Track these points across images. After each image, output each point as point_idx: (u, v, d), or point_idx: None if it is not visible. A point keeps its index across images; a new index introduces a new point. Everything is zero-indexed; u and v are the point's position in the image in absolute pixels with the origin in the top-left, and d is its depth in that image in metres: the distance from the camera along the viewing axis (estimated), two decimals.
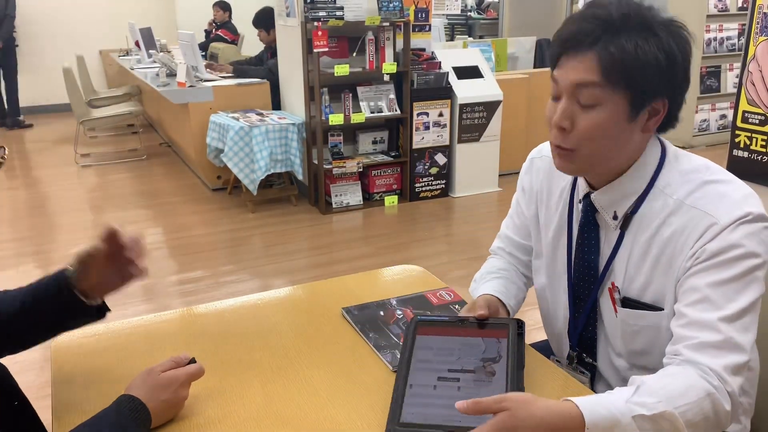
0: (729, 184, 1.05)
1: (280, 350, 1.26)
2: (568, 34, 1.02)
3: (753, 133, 2.73)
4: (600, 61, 0.98)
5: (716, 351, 0.96)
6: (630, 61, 0.97)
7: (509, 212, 1.42)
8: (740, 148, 2.79)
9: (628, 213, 1.11)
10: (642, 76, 0.98)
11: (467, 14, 9.36)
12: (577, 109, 1.03)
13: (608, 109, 1.01)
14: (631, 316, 1.13)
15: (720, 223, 1.00)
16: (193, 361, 1.10)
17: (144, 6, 8.61)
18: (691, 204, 1.04)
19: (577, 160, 1.07)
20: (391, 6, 4.42)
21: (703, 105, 6.17)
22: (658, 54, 0.97)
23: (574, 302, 1.24)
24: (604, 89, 0.99)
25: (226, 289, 3.42)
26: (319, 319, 1.39)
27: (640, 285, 1.11)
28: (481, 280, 1.36)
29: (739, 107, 2.78)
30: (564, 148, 1.06)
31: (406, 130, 4.70)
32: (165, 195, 5.16)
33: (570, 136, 1.04)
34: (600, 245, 1.17)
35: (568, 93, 1.03)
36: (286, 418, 1.06)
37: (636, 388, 0.92)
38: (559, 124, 1.04)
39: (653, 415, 0.89)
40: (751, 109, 2.73)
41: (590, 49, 0.99)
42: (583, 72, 1.00)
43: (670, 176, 1.08)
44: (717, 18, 5.99)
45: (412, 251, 3.96)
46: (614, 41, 0.97)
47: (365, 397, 1.11)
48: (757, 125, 2.71)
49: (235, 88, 5.02)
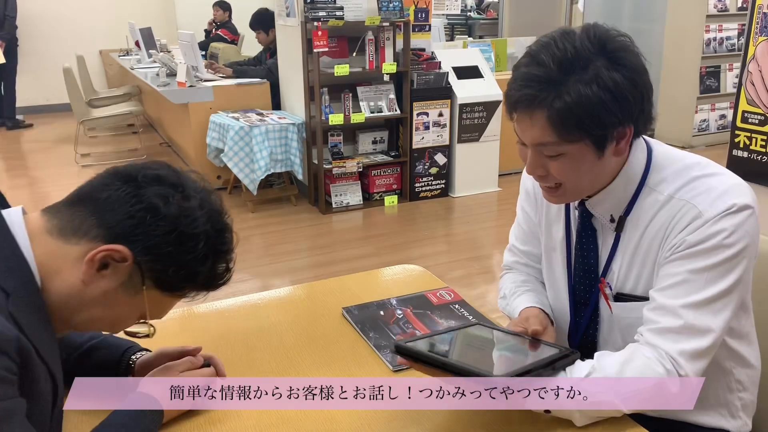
0: (717, 177, 1.07)
1: (280, 350, 1.26)
2: (515, 98, 1.02)
3: (753, 133, 2.73)
4: (549, 121, 0.99)
5: (675, 336, 1.02)
6: (577, 112, 0.97)
7: (516, 221, 1.41)
8: (740, 148, 2.79)
9: (622, 215, 1.14)
10: (592, 120, 0.99)
11: (467, 14, 9.35)
12: (546, 160, 1.06)
13: (574, 156, 1.03)
14: (624, 310, 1.16)
15: (704, 216, 1.03)
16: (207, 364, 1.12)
17: (144, 6, 8.60)
18: (680, 197, 1.07)
19: (566, 193, 1.11)
20: (391, 6, 4.42)
21: (703, 105, 6.16)
22: (601, 94, 0.97)
23: (574, 306, 1.25)
24: (562, 144, 1.02)
25: (226, 289, 3.39)
26: (319, 319, 1.39)
27: (633, 279, 1.14)
28: (513, 296, 1.34)
29: (738, 107, 2.78)
30: (551, 187, 1.10)
31: (406, 130, 4.70)
32: None
33: (549, 178, 1.08)
34: (598, 249, 1.19)
35: (532, 148, 1.06)
36: (286, 417, 1.06)
37: (587, 373, 1.01)
38: (534, 174, 1.09)
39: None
40: (750, 109, 2.73)
41: (538, 111, 1.00)
42: (539, 134, 1.02)
43: (661, 174, 1.11)
44: (717, 18, 5.99)
45: (412, 251, 3.96)
46: (557, 98, 0.98)
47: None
48: (756, 125, 2.72)
49: (235, 88, 5.02)
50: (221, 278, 0.99)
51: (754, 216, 1.04)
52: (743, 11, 5.84)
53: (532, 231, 1.35)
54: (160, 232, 0.88)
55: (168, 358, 1.12)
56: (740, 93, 2.76)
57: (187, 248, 0.89)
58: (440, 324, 1.35)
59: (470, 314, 1.39)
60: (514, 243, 1.41)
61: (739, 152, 2.79)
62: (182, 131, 5.38)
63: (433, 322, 1.36)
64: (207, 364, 1.12)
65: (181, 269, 0.90)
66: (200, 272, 0.92)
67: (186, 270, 0.91)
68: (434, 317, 1.38)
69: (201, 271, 0.92)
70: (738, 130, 2.79)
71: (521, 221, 1.38)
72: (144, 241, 0.87)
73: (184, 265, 0.90)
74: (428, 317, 1.38)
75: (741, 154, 2.78)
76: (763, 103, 2.68)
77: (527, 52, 1.04)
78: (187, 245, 0.89)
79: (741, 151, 2.79)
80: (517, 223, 1.40)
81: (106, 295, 0.89)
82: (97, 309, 0.91)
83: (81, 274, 0.87)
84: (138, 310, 0.94)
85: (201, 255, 0.91)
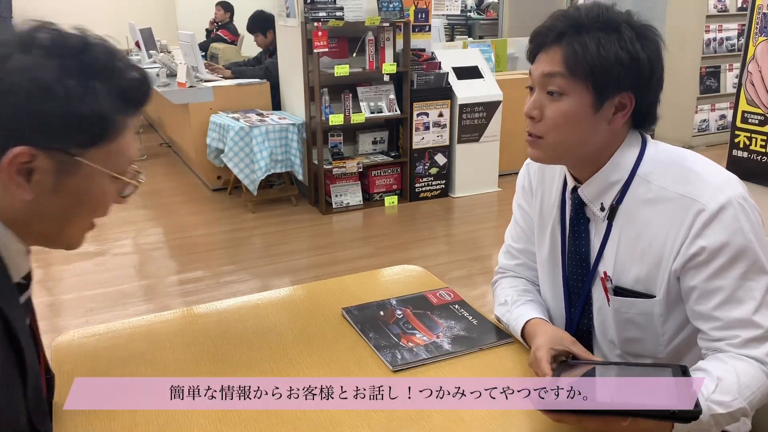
0: (709, 170, 1.09)
1: (280, 350, 1.27)
2: (540, 30, 1.11)
3: (753, 134, 2.73)
4: (564, 56, 1.06)
5: (758, 343, 1.05)
6: (591, 56, 1.04)
7: (512, 220, 1.41)
8: (740, 148, 2.79)
9: (613, 204, 1.14)
10: (602, 71, 1.04)
11: (467, 14, 9.36)
12: (546, 100, 1.10)
13: (573, 99, 1.07)
14: (623, 305, 1.16)
15: (707, 209, 1.04)
16: None
17: (144, 6, 8.61)
18: (675, 190, 1.08)
19: (544, 148, 1.13)
20: (391, 6, 4.42)
21: (703, 105, 6.17)
22: (619, 52, 1.04)
23: (569, 296, 1.26)
24: (568, 80, 1.07)
25: (226, 289, 3.42)
26: (319, 319, 1.39)
27: (631, 274, 1.14)
28: (514, 304, 1.31)
29: (738, 107, 2.78)
30: (533, 135, 1.13)
31: (406, 131, 4.70)
32: (165, 195, 5.17)
33: (539, 125, 1.11)
34: (590, 238, 1.20)
35: (539, 84, 1.11)
36: (286, 417, 1.06)
37: (715, 386, 1.00)
38: (529, 113, 1.12)
39: (731, 412, 0.99)
40: (750, 109, 2.73)
41: (556, 44, 1.07)
42: (550, 64, 1.08)
43: (652, 165, 1.12)
44: (717, 18, 5.99)
45: (412, 251, 3.96)
46: (578, 38, 1.05)
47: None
48: (756, 125, 2.72)
49: (235, 88, 5.02)
50: (133, 87, 0.87)
51: (751, 203, 1.07)
52: (743, 11, 5.85)
53: (530, 227, 1.36)
54: (20, 107, 0.79)
55: None
56: (740, 93, 2.76)
57: (56, 97, 0.79)
58: (440, 324, 1.35)
59: (470, 314, 1.39)
60: (511, 243, 1.41)
61: (739, 152, 2.79)
62: (182, 132, 5.39)
63: (433, 322, 1.36)
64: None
65: (76, 117, 0.81)
66: (94, 102, 0.82)
67: (81, 114, 0.81)
68: (434, 317, 1.38)
69: (95, 101, 0.82)
70: (738, 131, 2.79)
71: (518, 219, 1.38)
72: (26, 125, 0.79)
73: (75, 112, 0.81)
74: (428, 317, 1.38)
75: (741, 155, 2.78)
76: (763, 104, 2.69)
77: (558, 10, 1.12)
78: (52, 96, 0.79)
79: (741, 151, 2.79)
80: (514, 221, 1.40)
81: (61, 193, 0.84)
82: (66, 208, 0.86)
83: (21, 195, 0.82)
84: (102, 177, 0.87)
85: (79, 93, 0.81)
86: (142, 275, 3.65)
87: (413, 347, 1.26)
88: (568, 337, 1.16)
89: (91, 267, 3.74)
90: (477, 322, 1.36)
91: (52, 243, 0.91)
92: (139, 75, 0.88)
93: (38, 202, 0.84)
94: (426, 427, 1.04)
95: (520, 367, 1.20)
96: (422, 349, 1.25)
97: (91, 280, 3.56)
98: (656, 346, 1.16)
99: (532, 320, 1.23)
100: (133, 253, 4.02)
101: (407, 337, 1.29)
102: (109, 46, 0.87)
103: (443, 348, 1.26)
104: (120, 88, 0.85)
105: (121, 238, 4.20)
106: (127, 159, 0.89)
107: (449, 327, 1.34)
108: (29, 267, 0.92)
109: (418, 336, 1.30)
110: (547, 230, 1.29)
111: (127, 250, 4.05)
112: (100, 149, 0.85)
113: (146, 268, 3.77)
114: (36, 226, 0.86)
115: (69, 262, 3.76)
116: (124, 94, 0.85)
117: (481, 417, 1.05)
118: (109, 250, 3.98)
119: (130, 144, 0.90)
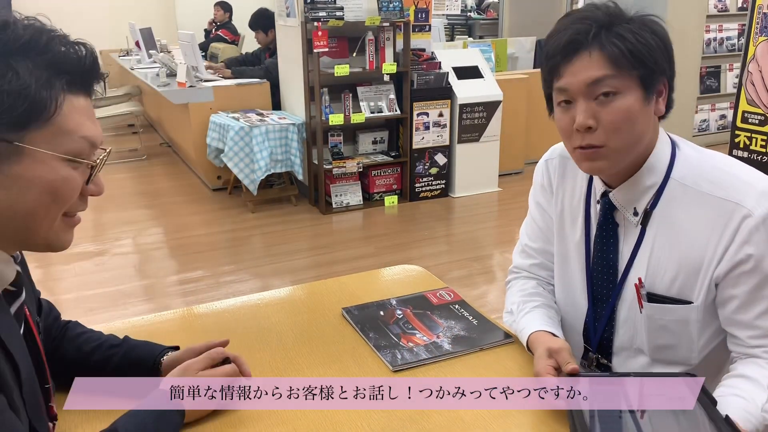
0: (751, 174, 1.06)
1: (280, 350, 1.26)
2: (567, 39, 1.04)
3: (753, 133, 2.73)
4: (607, 54, 1.02)
5: None
6: (633, 46, 1.01)
7: (528, 217, 1.36)
8: (740, 148, 2.79)
9: (647, 208, 1.11)
10: (648, 57, 1.02)
11: (467, 14, 9.35)
12: (596, 106, 1.04)
13: (627, 96, 1.03)
14: (657, 311, 1.12)
15: (754, 215, 1.01)
16: (227, 360, 1.10)
17: (144, 6, 8.61)
18: (714, 194, 1.05)
19: (608, 156, 1.06)
20: (391, 6, 4.42)
21: (703, 105, 6.17)
22: (652, 37, 1.03)
23: (593, 303, 1.22)
24: (618, 78, 1.02)
25: (226, 289, 3.42)
26: (319, 319, 1.39)
27: (666, 279, 1.11)
28: (520, 313, 1.27)
29: (738, 107, 2.78)
30: (594, 146, 1.06)
31: (406, 130, 4.70)
32: (165, 195, 5.17)
33: (597, 134, 1.05)
34: (619, 244, 1.16)
35: (584, 94, 1.04)
36: (286, 417, 1.06)
37: (767, 396, 1.00)
38: (586, 124, 1.04)
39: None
40: (750, 109, 2.73)
41: (593, 47, 1.02)
42: (594, 69, 1.02)
43: (686, 167, 1.09)
44: (717, 18, 5.99)
45: (412, 251, 3.96)
46: (611, 34, 1.02)
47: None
48: (756, 125, 2.72)
49: (235, 88, 5.02)
50: (62, 60, 0.81)
51: None
52: (743, 11, 5.84)
53: (548, 226, 1.31)
54: None
55: (194, 354, 1.10)
56: (740, 93, 2.76)
57: None
58: (440, 324, 1.35)
59: (470, 314, 1.39)
60: (527, 242, 1.36)
61: (739, 152, 2.79)
62: (182, 131, 5.39)
63: (433, 322, 1.36)
64: (228, 360, 1.10)
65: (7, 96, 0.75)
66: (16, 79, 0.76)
67: (3, 92, 0.75)
68: (434, 317, 1.38)
69: (17, 78, 0.76)
70: (738, 130, 2.79)
71: (536, 217, 1.33)
72: None
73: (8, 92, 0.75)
74: (428, 317, 1.38)
75: (741, 154, 2.78)
76: (763, 103, 2.68)
77: (565, 16, 1.09)
78: None
79: (741, 151, 2.79)
80: (531, 219, 1.35)
81: (11, 186, 0.78)
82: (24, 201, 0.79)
83: None
84: (52, 160, 0.80)
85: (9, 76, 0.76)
86: (142, 275, 3.65)
87: (413, 347, 1.26)
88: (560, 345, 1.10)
89: (91, 267, 3.74)
90: (477, 322, 1.36)
91: (31, 245, 0.84)
92: (78, 50, 0.82)
93: None
94: (426, 427, 1.04)
95: (520, 367, 1.20)
96: (422, 349, 1.25)
97: (91, 280, 3.56)
98: (690, 353, 1.13)
99: (533, 335, 1.19)
100: (133, 253, 4.02)
101: (407, 337, 1.29)
102: (37, 24, 0.81)
103: (443, 348, 1.25)
104: (48, 62, 0.79)
105: (121, 238, 4.20)
106: (79, 139, 0.82)
107: (449, 327, 1.34)
108: (14, 273, 0.85)
109: (418, 336, 1.30)
110: (567, 233, 1.25)
111: (127, 250, 4.05)
112: (40, 131, 0.78)
113: (146, 268, 3.77)
114: (1, 228, 0.80)
115: (69, 262, 3.76)
116: (53, 68, 0.79)
117: (481, 417, 1.05)
118: (109, 250, 3.98)
119: (80, 122, 0.82)
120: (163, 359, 1.12)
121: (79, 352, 1.12)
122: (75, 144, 0.82)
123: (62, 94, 0.80)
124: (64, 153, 0.81)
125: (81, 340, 1.14)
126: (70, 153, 0.81)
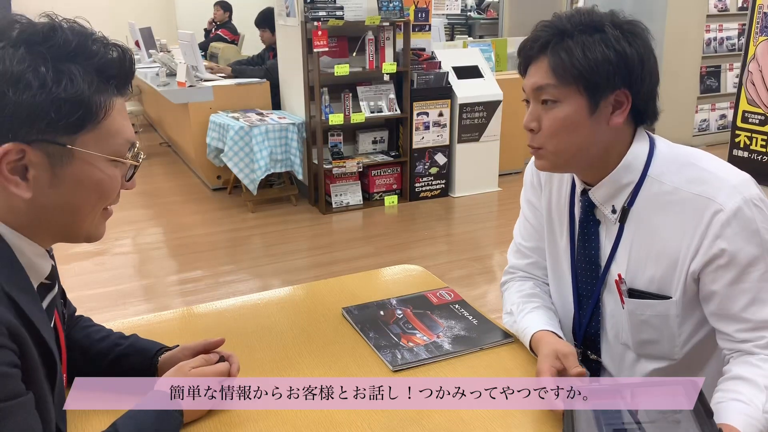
0: (724, 170, 1.08)
1: (280, 350, 1.26)
2: (525, 43, 1.12)
3: (753, 133, 2.73)
4: (551, 65, 1.07)
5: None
6: (577, 60, 1.04)
7: (520, 216, 1.38)
8: (740, 147, 2.79)
9: (625, 206, 1.13)
10: (590, 72, 1.04)
11: (467, 14, 9.35)
12: (541, 111, 1.10)
13: (567, 105, 1.07)
14: (638, 307, 1.15)
15: (725, 210, 1.03)
16: (222, 359, 1.11)
17: (144, 6, 8.60)
18: (690, 190, 1.07)
19: (547, 157, 1.13)
20: (391, 6, 4.42)
21: (703, 105, 6.17)
22: (605, 51, 1.04)
23: (578, 299, 1.25)
24: (559, 88, 1.07)
25: (226, 289, 3.42)
26: (319, 319, 1.39)
27: (646, 275, 1.13)
28: (520, 313, 1.27)
29: (739, 107, 2.78)
30: (534, 147, 1.14)
31: (406, 130, 4.70)
32: (165, 195, 5.17)
33: (537, 136, 1.12)
34: (600, 241, 1.19)
35: (532, 97, 1.11)
36: (286, 417, 1.06)
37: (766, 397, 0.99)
38: (527, 125, 1.12)
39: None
40: (751, 109, 2.73)
41: (542, 55, 1.08)
42: (539, 76, 1.09)
43: (664, 165, 1.11)
44: (717, 18, 5.99)
45: (412, 251, 3.96)
46: (562, 45, 1.06)
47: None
48: (757, 125, 2.72)
49: (235, 88, 5.02)
50: (110, 65, 0.84)
51: (766, 203, 1.06)
52: (743, 11, 5.84)
53: (540, 223, 1.33)
54: None
55: (190, 352, 1.11)
56: (740, 93, 2.76)
57: (30, 86, 0.77)
58: (440, 324, 1.35)
59: (470, 314, 1.39)
60: (521, 242, 1.38)
61: (740, 152, 2.79)
62: (182, 131, 5.38)
63: (433, 322, 1.36)
64: (223, 359, 1.11)
65: (56, 104, 0.78)
66: (71, 85, 0.79)
67: (60, 99, 0.78)
68: (434, 317, 1.37)
69: (72, 84, 0.79)
70: (738, 130, 2.79)
71: (527, 216, 1.36)
72: (6, 120, 0.77)
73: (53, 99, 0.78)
74: (428, 317, 1.38)
75: (741, 154, 2.78)
76: (764, 103, 2.68)
77: (540, 22, 1.12)
78: (25, 86, 0.77)
79: (741, 150, 2.79)
80: (523, 218, 1.37)
81: (61, 185, 0.82)
82: (71, 199, 0.83)
83: (21, 194, 0.79)
84: (99, 161, 0.84)
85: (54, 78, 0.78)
86: (142, 275, 3.65)
87: (413, 347, 1.26)
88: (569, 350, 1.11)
89: (91, 267, 3.74)
90: (477, 322, 1.36)
91: (70, 237, 0.89)
92: (117, 52, 0.85)
93: (40, 199, 0.81)
94: (426, 427, 1.04)
95: (520, 367, 1.20)
96: (422, 349, 1.25)
97: (91, 280, 3.56)
98: (672, 347, 1.15)
99: (536, 334, 1.19)
100: (133, 252, 4.02)
101: (407, 337, 1.29)
102: (79, 27, 0.84)
103: (443, 348, 1.25)
104: (97, 67, 0.82)
105: (121, 237, 4.20)
106: (123, 140, 0.86)
107: (449, 327, 1.34)
108: (50, 267, 0.90)
109: (418, 336, 1.30)
110: (556, 231, 1.28)
111: (127, 249, 4.05)
112: (90, 133, 0.82)
113: (146, 267, 3.77)
114: (45, 224, 0.84)
115: (69, 262, 3.76)
116: (102, 73, 0.82)
117: (481, 417, 1.05)
118: (109, 250, 3.98)
119: (122, 124, 0.86)
120: (160, 357, 1.13)
121: (88, 339, 1.14)
122: (119, 145, 0.86)
123: (112, 98, 0.84)
124: (110, 154, 0.85)
125: (91, 329, 1.16)
126: (114, 154, 0.86)
